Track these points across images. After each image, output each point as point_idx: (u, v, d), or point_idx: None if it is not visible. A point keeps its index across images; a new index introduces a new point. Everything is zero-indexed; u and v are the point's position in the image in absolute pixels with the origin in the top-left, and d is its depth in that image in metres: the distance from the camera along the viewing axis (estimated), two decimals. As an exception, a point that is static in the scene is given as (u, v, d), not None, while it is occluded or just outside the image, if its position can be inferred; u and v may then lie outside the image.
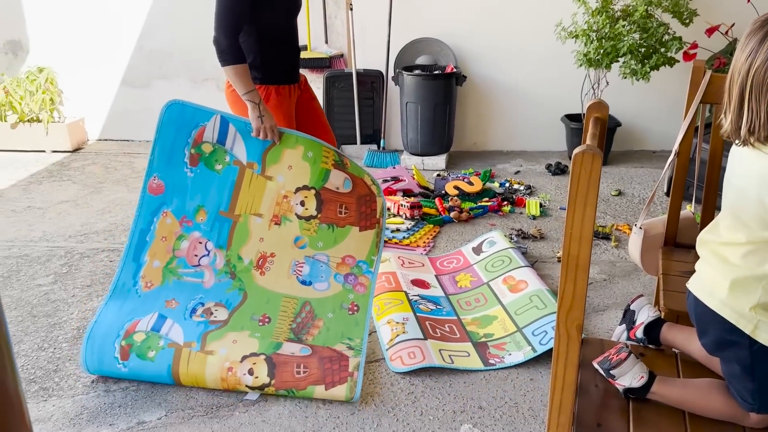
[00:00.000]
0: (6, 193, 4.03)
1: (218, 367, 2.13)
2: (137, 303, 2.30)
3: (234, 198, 2.37)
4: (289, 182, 2.37)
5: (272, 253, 2.38)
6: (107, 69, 4.97)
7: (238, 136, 2.37)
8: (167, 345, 2.19)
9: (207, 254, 2.37)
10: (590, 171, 0.99)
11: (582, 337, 1.18)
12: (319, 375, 2.11)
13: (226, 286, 2.35)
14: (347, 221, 2.39)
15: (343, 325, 2.31)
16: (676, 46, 3.87)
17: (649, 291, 2.73)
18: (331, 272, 2.38)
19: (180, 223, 2.38)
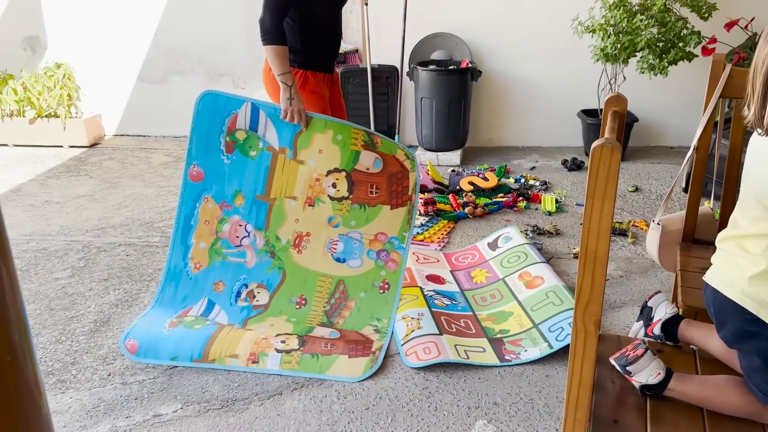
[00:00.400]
0: (24, 188, 4.08)
1: (254, 336, 2.31)
2: (189, 286, 2.50)
3: (269, 182, 2.52)
4: (321, 165, 2.50)
5: (308, 233, 2.53)
6: (124, 65, 5.01)
7: (269, 122, 2.49)
8: (213, 323, 2.41)
9: (247, 235, 2.53)
10: (609, 164, 0.98)
11: (599, 334, 1.17)
12: (344, 349, 2.28)
13: (267, 265, 2.52)
14: (378, 200, 2.52)
15: (373, 304, 2.46)
16: (695, 41, 3.82)
17: (666, 287, 2.70)
18: (364, 249, 2.52)
19: (220, 208, 2.53)
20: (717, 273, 1.40)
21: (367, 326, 2.40)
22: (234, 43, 4.84)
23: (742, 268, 1.32)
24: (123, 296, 2.73)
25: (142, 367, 2.25)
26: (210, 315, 2.44)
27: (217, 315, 2.44)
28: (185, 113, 5.05)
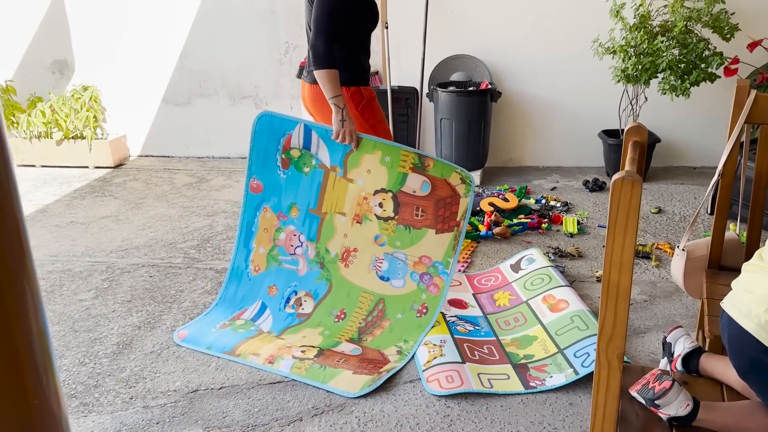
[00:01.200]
0: (51, 209, 4.15)
1: (279, 344, 2.46)
2: (248, 287, 2.74)
3: (321, 197, 2.69)
4: (368, 185, 2.63)
5: (355, 248, 2.66)
6: (149, 87, 5.11)
7: (321, 142, 2.65)
8: (256, 330, 2.60)
9: (301, 245, 2.73)
10: (630, 198, 0.98)
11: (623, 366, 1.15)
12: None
13: (316, 275, 2.70)
14: (423, 224, 2.59)
15: (406, 327, 2.53)
16: (717, 62, 3.79)
17: (692, 312, 2.66)
18: (408, 270, 2.61)
19: (278, 218, 2.75)
20: (735, 302, 1.38)
21: (392, 347, 2.45)
22: (257, 65, 4.91)
23: (761, 301, 1.30)
24: (146, 318, 2.76)
25: (163, 390, 2.27)
26: (258, 320, 2.65)
27: (264, 321, 2.64)
28: (209, 134, 5.16)
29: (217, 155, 5.21)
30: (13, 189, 0.63)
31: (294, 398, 2.20)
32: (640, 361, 2.35)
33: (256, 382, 2.30)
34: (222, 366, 2.40)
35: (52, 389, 0.67)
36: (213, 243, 3.53)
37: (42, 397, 0.65)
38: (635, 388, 1.43)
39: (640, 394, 1.42)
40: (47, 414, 0.69)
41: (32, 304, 0.66)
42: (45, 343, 0.70)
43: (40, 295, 0.67)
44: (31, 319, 0.66)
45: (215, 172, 4.84)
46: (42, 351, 0.65)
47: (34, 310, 0.66)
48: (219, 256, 3.35)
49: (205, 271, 3.19)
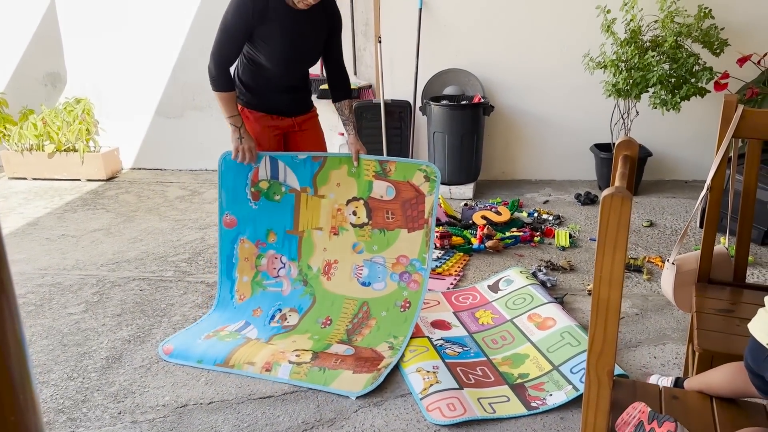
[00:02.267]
0: (42, 221, 4.13)
1: (273, 349, 2.49)
2: (232, 313, 2.77)
3: (296, 218, 2.79)
4: (340, 196, 2.75)
5: (335, 260, 2.76)
6: (142, 100, 5.10)
7: (288, 169, 2.76)
8: (243, 337, 2.62)
9: (283, 266, 2.82)
10: (620, 214, 0.98)
11: (613, 379, 1.15)
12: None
13: (300, 292, 2.77)
14: (395, 225, 2.70)
15: (392, 323, 2.60)
16: (707, 77, 3.82)
17: (682, 326, 2.66)
18: (387, 272, 2.70)
19: (256, 246, 2.82)
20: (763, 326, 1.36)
21: (383, 343, 2.53)
22: (249, 78, 4.91)
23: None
24: (135, 332, 2.73)
25: (152, 405, 2.24)
26: (244, 331, 2.68)
27: (249, 331, 2.67)
28: (202, 147, 5.15)
29: (210, 168, 5.20)
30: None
31: (284, 413, 2.18)
32: (631, 375, 2.34)
33: (246, 396, 2.28)
34: (211, 380, 2.38)
35: (30, 406, 0.67)
36: (204, 256, 3.51)
37: (19, 414, 0.64)
38: (626, 429, 1.38)
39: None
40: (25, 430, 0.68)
41: (9, 318, 0.65)
42: (23, 358, 0.69)
43: (17, 309, 0.66)
44: (8, 334, 0.65)
45: (208, 185, 4.83)
46: (19, 366, 0.64)
47: (11, 323, 0.65)
48: (210, 270, 3.33)
49: (196, 284, 3.18)
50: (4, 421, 0.61)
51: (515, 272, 3.05)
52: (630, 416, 1.39)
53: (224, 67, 2.55)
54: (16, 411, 0.63)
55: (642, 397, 1.54)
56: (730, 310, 1.88)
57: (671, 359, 2.44)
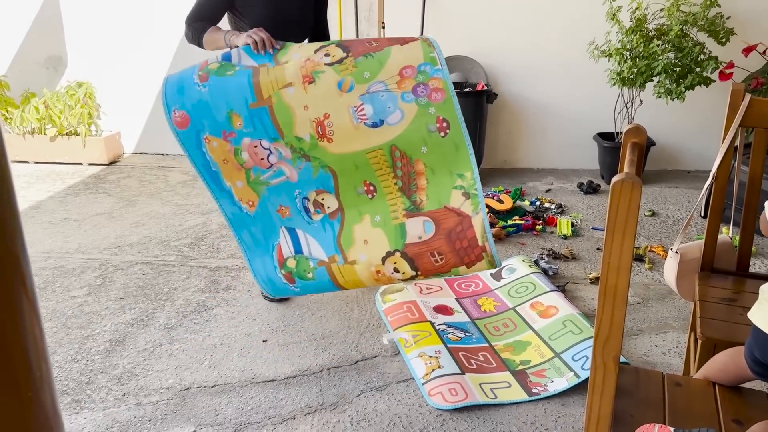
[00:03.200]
0: (44, 205, 4.13)
1: (367, 272, 2.21)
2: (258, 225, 2.35)
3: (256, 87, 2.14)
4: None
5: (325, 114, 2.10)
6: (144, 84, 5.08)
7: (242, 53, 2.28)
8: (317, 265, 2.28)
9: (270, 152, 2.22)
10: (629, 200, 0.98)
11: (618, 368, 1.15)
12: (457, 259, 2.10)
13: (309, 170, 2.21)
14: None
15: (442, 155, 2.04)
16: (712, 66, 3.81)
17: (683, 315, 2.67)
18: (395, 96, 2.05)
19: (224, 140, 2.21)
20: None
21: (452, 191, 2.05)
22: (252, 63, 4.89)
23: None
24: (139, 315, 2.74)
25: (156, 388, 2.26)
26: (303, 249, 2.30)
27: (309, 246, 2.29)
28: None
29: (212, 153, 5.19)
30: (9, 181, 0.63)
31: (287, 396, 2.20)
32: (632, 363, 2.36)
33: (249, 380, 2.29)
34: (215, 364, 2.39)
35: (46, 383, 0.67)
36: (207, 241, 3.52)
37: (35, 390, 0.65)
38: None
39: None
40: (40, 407, 0.69)
41: (26, 297, 0.65)
42: (39, 337, 0.69)
43: (33, 287, 0.67)
44: (25, 313, 0.65)
45: (210, 170, 4.82)
46: (35, 345, 0.65)
47: (27, 303, 0.66)
48: (213, 255, 3.34)
49: (199, 269, 3.18)
50: (20, 397, 0.62)
51: (518, 261, 3.06)
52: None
53: (195, 23, 2.50)
54: (32, 388, 0.63)
55: (645, 383, 1.55)
56: (733, 299, 1.89)
57: (672, 348, 2.45)
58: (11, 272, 0.63)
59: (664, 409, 1.44)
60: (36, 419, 0.66)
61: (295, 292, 2.39)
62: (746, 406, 1.46)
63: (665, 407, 1.45)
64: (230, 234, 3.60)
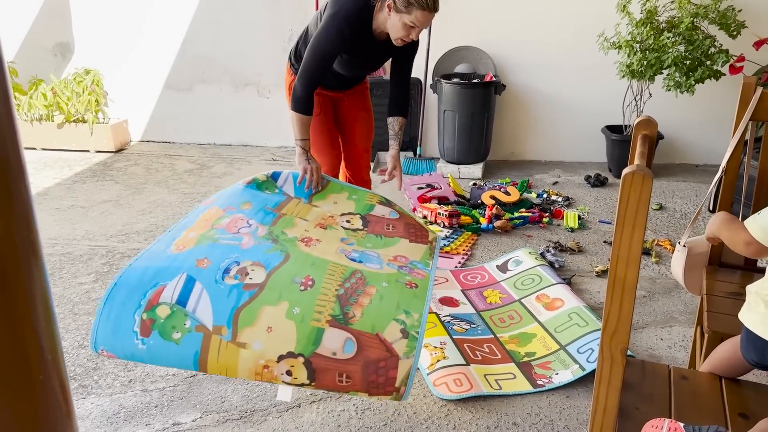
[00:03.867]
0: (51, 192, 4.15)
1: (252, 363, 1.79)
2: (165, 263, 1.93)
3: (279, 207, 2.27)
4: (335, 210, 2.36)
5: (318, 239, 2.15)
6: (151, 72, 5.08)
7: (290, 178, 2.43)
8: (194, 328, 1.80)
9: (248, 226, 2.12)
10: (640, 192, 0.97)
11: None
12: (363, 387, 1.78)
13: (266, 248, 2.02)
14: (395, 234, 2.30)
15: (399, 295, 1.94)
16: (723, 59, 3.78)
17: (690, 309, 2.67)
18: (383, 262, 2.13)
19: (224, 210, 2.19)
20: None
21: (392, 322, 1.84)
22: (260, 53, 4.89)
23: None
24: (145, 303, 2.75)
25: (162, 374, 2.27)
26: (188, 303, 1.84)
27: (197, 302, 1.84)
28: (210, 121, 5.14)
29: (219, 142, 5.20)
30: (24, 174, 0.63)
31: (292, 385, 2.20)
32: (637, 356, 2.36)
33: (255, 368, 2.30)
34: (221, 352, 2.40)
35: (57, 366, 0.67)
36: (213, 229, 3.53)
37: (46, 373, 0.65)
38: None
39: None
40: (51, 390, 0.69)
41: (38, 281, 0.66)
42: (50, 320, 0.69)
43: (46, 274, 0.67)
44: (37, 297, 0.65)
45: (216, 159, 4.83)
46: (47, 328, 0.65)
47: (40, 287, 0.66)
48: (219, 243, 3.35)
49: (205, 257, 3.19)
50: (32, 380, 0.62)
51: (524, 253, 3.06)
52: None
53: (312, 90, 2.44)
54: (43, 370, 0.64)
55: (651, 376, 1.55)
56: (740, 293, 1.88)
57: (678, 341, 2.45)
58: (26, 258, 0.63)
59: (670, 402, 1.45)
60: (47, 401, 0.67)
61: (133, 349, 1.81)
62: (752, 400, 1.46)
63: (671, 400, 1.45)
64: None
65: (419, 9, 2.28)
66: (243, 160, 4.80)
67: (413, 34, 2.38)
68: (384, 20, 2.38)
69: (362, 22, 2.39)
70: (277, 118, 4.87)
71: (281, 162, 4.74)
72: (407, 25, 2.32)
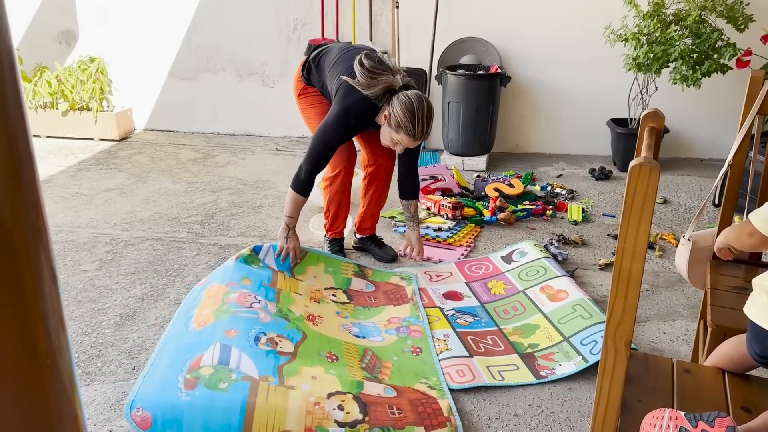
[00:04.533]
0: (55, 179, 4.15)
1: (303, 400, 1.84)
2: (194, 338, 2.08)
3: (273, 279, 2.56)
4: (317, 284, 2.67)
5: (320, 315, 2.46)
6: (156, 61, 5.08)
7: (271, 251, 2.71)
8: (241, 378, 1.88)
9: (258, 302, 2.32)
10: (647, 184, 0.97)
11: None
12: (416, 417, 1.88)
13: (284, 324, 2.25)
14: (379, 303, 2.63)
15: (412, 365, 2.21)
16: (730, 53, 3.76)
17: (693, 303, 2.66)
18: (381, 330, 2.45)
19: (226, 286, 2.40)
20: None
21: (417, 383, 2.10)
22: (265, 42, 4.87)
23: None
24: (149, 290, 2.76)
25: (165, 363, 2.28)
26: (231, 362, 1.94)
27: (239, 362, 1.95)
28: (215, 110, 5.14)
29: (223, 132, 5.20)
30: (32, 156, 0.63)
31: (295, 375, 2.21)
32: (640, 349, 2.36)
33: (258, 357, 2.31)
34: (224, 340, 2.41)
35: (64, 351, 0.68)
36: (217, 219, 3.53)
37: (53, 358, 0.65)
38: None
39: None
40: (58, 375, 0.69)
41: (46, 263, 0.66)
42: (57, 303, 0.69)
43: (52, 254, 0.67)
44: (44, 279, 0.65)
45: (220, 149, 4.83)
46: (54, 311, 0.65)
47: (47, 269, 0.66)
48: (223, 233, 3.35)
49: (209, 246, 3.20)
50: (39, 364, 0.63)
51: (529, 245, 3.05)
52: (659, 428, 1.27)
53: (316, 174, 2.63)
54: (50, 355, 0.64)
55: (654, 370, 1.55)
56: (744, 287, 1.88)
57: (680, 335, 2.45)
58: (35, 243, 0.63)
59: (673, 395, 1.45)
60: (54, 386, 0.67)
61: (175, 404, 1.81)
62: (755, 394, 1.46)
63: (674, 394, 1.45)
64: (240, 212, 3.61)
65: (405, 134, 2.52)
66: (246, 149, 4.80)
67: (398, 149, 2.63)
68: (381, 122, 2.60)
69: (368, 116, 2.60)
70: (281, 108, 4.86)
71: (285, 152, 4.74)
72: (393, 140, 2.58)
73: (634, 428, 1.35)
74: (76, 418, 0.71)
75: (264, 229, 3.40)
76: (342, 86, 2.56)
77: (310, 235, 3.27)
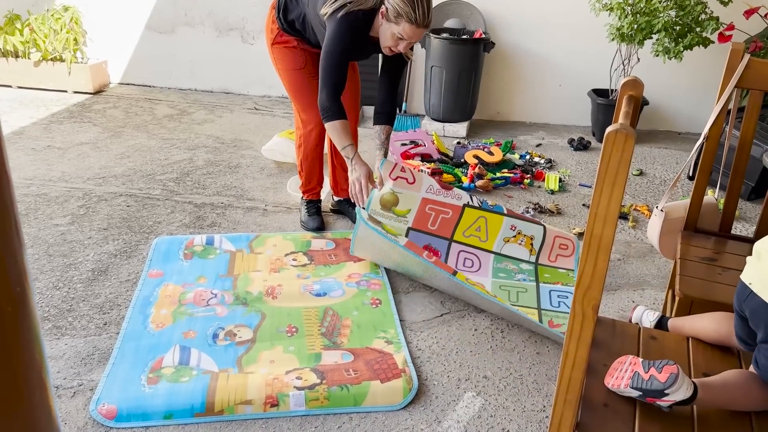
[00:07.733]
0: (27, 131, 4.05)
1: (261, 379, 1.96)
2: (153, 340, 2.14)
3: (230, 264, 2.60)
4: (276, 253, 2.69)
5: (279, 284, 2.47)
6: (132, 12, 4.93)
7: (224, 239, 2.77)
8: (201, 372, 2.00)
9: (214, 296, 2.38)
10: (622, 151, 0.97)
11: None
12: (371, 374, 2.00)
13: (242, 311, 2.31)
14: (339, 260, 2.69)
15: (371, 318, 2.31)
16: (713, 26, 3.75)
17: (663, 273, 2.71)
18: (342, 283, 2.50)
19: (182, 287, 2.44)
20: (758, 274, 1.31)
21: (375, 339, 2.20)
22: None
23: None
24: (122, 247, 2.73)
25: (137, 319, 2.27)
26: (191, 362, 2.05)
27: (199, 360, 2.06)
28: (192, 65, 5.03)
29: (200, 88, 5.09)
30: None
31: (268, 333, 2.22)
32: (609, 317, 2.40)
33: (231, 315, 2.31)
34: (197, 298, 2.40)
35: (27, 298, 0.66)
36: (192, 177, 3.49)
37: (14, 304, 0.64)
38: (620, 383, 1.33)
39: (634, 387, 1.31)
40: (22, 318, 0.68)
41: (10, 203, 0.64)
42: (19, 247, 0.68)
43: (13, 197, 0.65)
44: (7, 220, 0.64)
45: (197, 106, 4.74)
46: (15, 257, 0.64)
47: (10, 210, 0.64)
48: (198, 191, 3.32)
49: (184, 204, 3.16)
50: (0, 311, 0.61)
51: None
52: (621, 371, 1.35)
53: (338, 96, 2.46)
54: (12, 302, 0.63)
55: (621, 335, 1.58)
56: (713, 258, 1.92)
57: (649, 304, 2.50)
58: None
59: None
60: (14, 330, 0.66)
61: (138, 395, 1.90)
62: (717, 362, 1.50)
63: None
64: (216, 171, 3.57)
65: (407, 22, 2.30)
66: (224, 107, 4.72)
67: (401, 46, 2.42)
68: (378, 26, 2.42)
69: (366, 24, 2.42)
70: (261, 67, 4.76)
71: (263, 111, 4.67)
72: (395, 35, 2.36)
73: (599, 390, 1.38)
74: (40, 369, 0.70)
75: (240, 188, 3.37)
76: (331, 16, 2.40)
77: (287, 196, 3.25)
